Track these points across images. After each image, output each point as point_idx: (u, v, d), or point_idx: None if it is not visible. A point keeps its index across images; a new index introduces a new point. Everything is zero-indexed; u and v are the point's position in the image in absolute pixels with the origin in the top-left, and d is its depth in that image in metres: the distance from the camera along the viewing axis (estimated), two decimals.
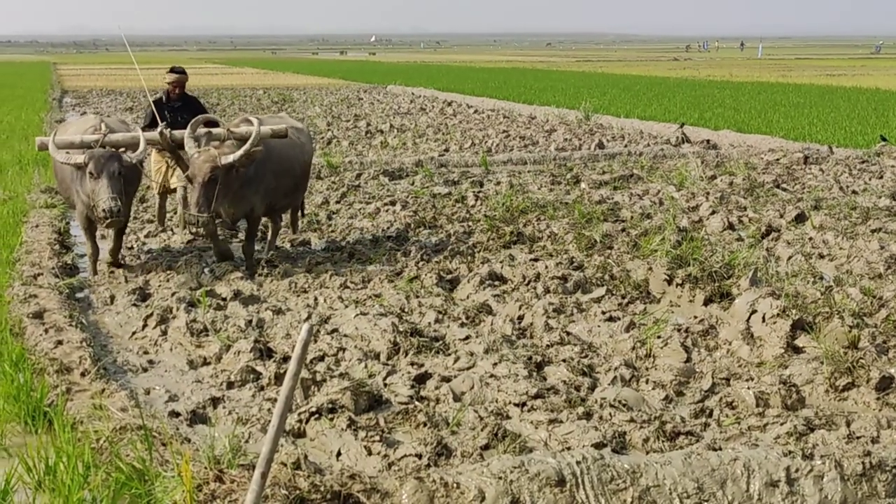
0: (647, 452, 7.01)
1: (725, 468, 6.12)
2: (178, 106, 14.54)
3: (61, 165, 12.19)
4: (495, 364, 8.71)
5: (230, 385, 8.58)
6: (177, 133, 12.61)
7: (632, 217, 15.37)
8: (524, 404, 7.88)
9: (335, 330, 9.89)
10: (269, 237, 14.08)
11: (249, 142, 11.93)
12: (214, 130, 12.49)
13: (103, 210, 11.31)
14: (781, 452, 6.30)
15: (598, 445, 6.88)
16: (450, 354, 9.14)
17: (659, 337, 9.49)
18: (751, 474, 6.10)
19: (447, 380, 8.46)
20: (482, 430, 7.29)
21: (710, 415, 7.89)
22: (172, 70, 14.79)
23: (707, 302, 10.81)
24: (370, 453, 7.01)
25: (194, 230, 11.93)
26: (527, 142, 27.05)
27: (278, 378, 8.45)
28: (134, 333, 10.14)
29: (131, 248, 14.10)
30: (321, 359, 9.02)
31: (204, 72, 78.67)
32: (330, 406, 7.70)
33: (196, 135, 12.31)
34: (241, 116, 13.27)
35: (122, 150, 12.06)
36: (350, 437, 7.24)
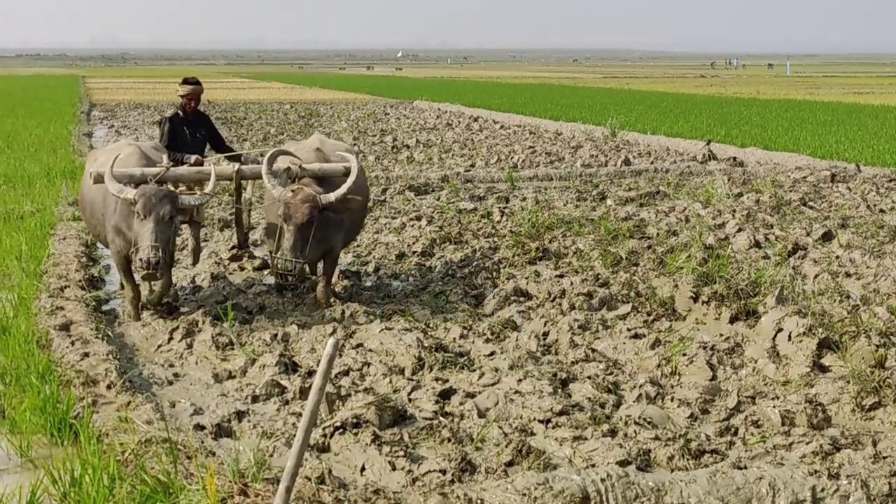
0: (672, 470, 6.98)
1: (751, 487, 6.09)
2: (193, 121, 13.38)
3: (90, 196, 11.37)
4: (520, 380, 8.71)
5: (255, 399, 8.59)
6: (247, 168, 11.76)
7: (658, 234, 15.33)
8: (549, 421, 7.87)
9: (360, 345, 9.90)
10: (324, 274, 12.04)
11: (351, 179, 11.10)
12: (290, 166, 11.43)
13: (140, 259, 10.14)
14: (807, 472, 6.28)
15: (623, 463, 6.86)
16: (474, 370, 9.13)
17: (684, 354, 9.47)
18: (776, 493, 6.07)
19: (472, 395, 8.45)
20: (506, 446, 7.28)
21: (736, 433, 7.86)
22: (186, 81, 13.47)
23: (733, 320, 10.77)
24: (394, 468, 7.01)
25: (290, 278, 10.92)
26: (553, 158, 27.03)
27: (303, 392, 8.47)
28: (160, 346, 10.17)
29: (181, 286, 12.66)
30: (346, 373, 9.03)
31: (231, 86, 79.08)
32: (354, 421, 7.70)
33: (275, 170, 11.30)
34: (281, 149, 12.15)
35: (180, 187, 11.36)
36: (374, 451, 7.24)
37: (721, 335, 10.28)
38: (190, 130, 13.18)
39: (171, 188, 11.07)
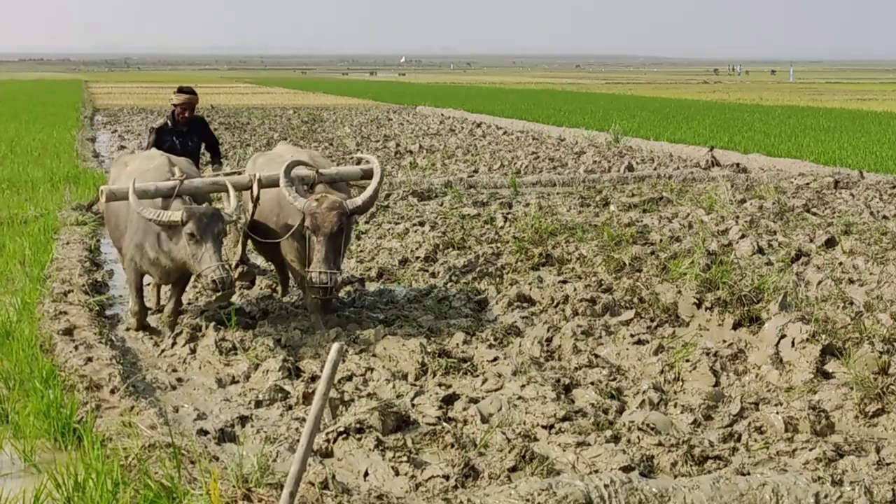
0: (676, 476, 6.98)
1: (754, 493, 6.10)
2: (185, 131, 13.14)
3: (114, 207, 10.78)
4: (523, 386, 8.71)
5: (258, 404, 8.60)
6: (265, 178, 11.00)
7: (661, 240, 15.33)
8: (552, 427, 7.87)
9: (363, 350, 9.92)
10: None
11: (377, 180, 10.78)
12: (303, 173, 10.92)
13: (213, 281, 9.57)
14: (811, 478, 6.28)
15: (626, 469, 6.86)
16: (478, 376, 9.15)
17: (687, 360, 9.47)
18: (779, 500, 6.08)
19: (475, 401, 8.45)
20: (510, 451, 7.28)
21: (739, 439, 7.86)
22: (181, 90, 13.22)
23: (736, 326, 10.76)
24: (397, 474, 7.01)
25: (325, 294, 10.46)
26: (556, 163, 27.05)
27: (306, 397, 8.48)
28: (163, 351, 10.19)
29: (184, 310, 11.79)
30: (349, 378, 9.03)
31: (234, 91, 79.17)
32: (358, 426, 7.71)
33: (292, 179, 10.71)
34: (282, 147, 12.25)
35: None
36: (378, 457, 7.25)
37: (724, 341, 10.28)
38: (180, 140, 12.95)
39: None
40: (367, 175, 11.19)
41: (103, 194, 10.31)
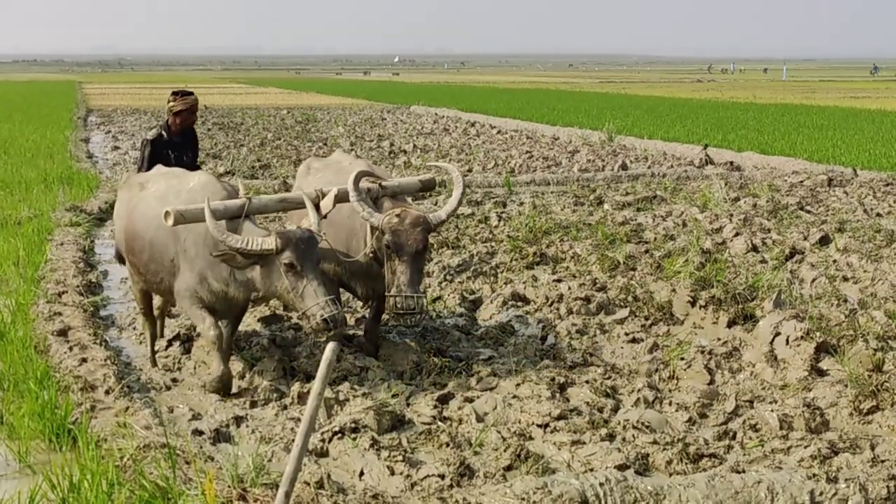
0: (671, 474, 7.00)
1: (749, 491, 6.10)
2: (180, 143, 11.85)
3: (150, 235, 9.23)
4: (518, 385, 8.73)
5: (253, 404, 8.61)
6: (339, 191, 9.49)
7: (655, 238, 15.34)
8: (547, 425, 7.88)
9: (358, 349, 9.90)
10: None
11: (459, 193, 9.72)
12: (368, 186, 9.57)
13: (324, 321, 8.23)
14: (805, 475, 6.28)
15: (622, 467, 6.87)
16: (473, 375, 9.14)
17: (682, 359, 9.48)
18: (774, 497, 6.08)
19: (470, 400, 8.46)
20: (505, 450, 7.28)
21: (734, 437, 7.87)
22: (182, 94, 11.92)
23: (731, 324, 10.77)
24: (393, 473, 7.01)
25: (408, 321, 9.39)
26: (550, 163, 27.06)
27: (301, 397, 8.48)
28: (157, 351, 10.17)
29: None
30: (344, 378, 9.02)
31: (228, 91, 79.09)
32: (353, 426, 7.71)
33: (363, 192, 9.39)
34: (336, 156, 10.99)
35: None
36: (373, 456, 7.24)
37: (719, 339, 10.29)
38: (175, 153, 11.69)
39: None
40: (427, 186, 10.44)
41: (171, 216, 8.55)
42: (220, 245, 8.45)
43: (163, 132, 11.74)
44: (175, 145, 11.74)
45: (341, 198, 9.31)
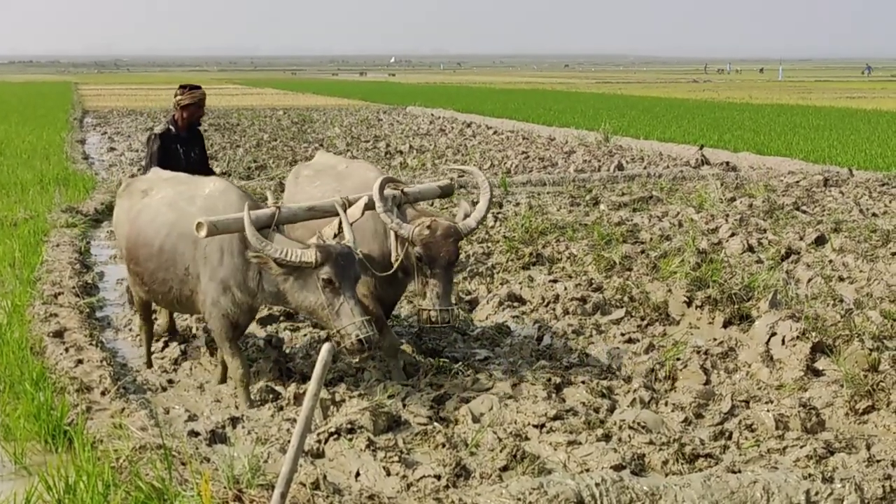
0: (667, 475, 7.00)
1: (745, 491, 6.10)
2: (188, 139, 11.52)
3: (162, 243, 8.79)
4: (514, 385, 8.74)
5: (249, 405, 8.59)
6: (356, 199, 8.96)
7: (651, 239, 15.34)
8: (543, 426, 7.88)
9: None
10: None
11: (488, 198, 9.49)
12: (393, 193, 9.11)
13: (360, 342, 7.82)
14: (801, 475, 6.29)
15: (617, 467, 6.88)
16: (469, 375, 9.14)
17: (678, 359, 9.49)
18: (770, 497, 6.09)
19: (466, 401, 8.46)
20: (501, 451, 7.28)
21: (730, 437, 7.87)
22: (190, 88, 11.57)
23: (726, 324, 10.78)
24: (389, 474, 7.01)
25: (442, 329, 9.21)
26: (546, 163, 27.06)
27: (297, 398, 8.47)
28: (153, 353, 10.16)
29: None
30: (340, 379, 9.03)
31: (224, 92, 79.00)
32: (349, 426, 7.70)
33: (388, 203, 8.91)
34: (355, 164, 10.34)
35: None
36: (369, 457, 7.24)
37: (715, 339, 10.29)
38: (184, 149, 11.38)
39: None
40: (446, 192, 10.13)
41: (204, 227, 8.03)
42: (248, 254, 8.22)
43: (171, 127, 11.40)
44: (183, 140, 11.43)
45: (370, 206, 8.84)
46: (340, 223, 8.61)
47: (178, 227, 8.65)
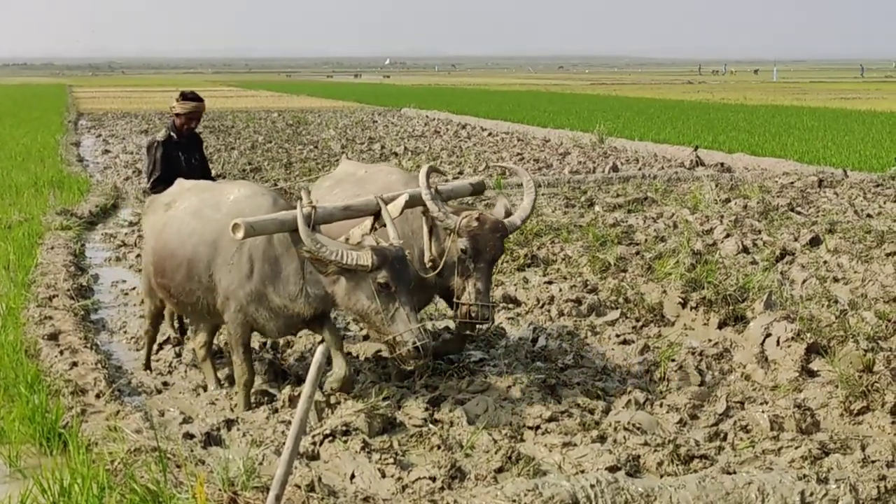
0: (662, 476, 7.00)
1: (740, 492, 6.10)
2: (187, 145, 11.25)
3: (182, 250, 8.65)
4: (509, 387, 8.74)
5: (247, 408, 8.58)
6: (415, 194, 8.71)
7: (646, 240, 15.35)
8: (538, 427, 7.89)
9: (349, 353, 9.89)
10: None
11: (533, 197, 9.28)
12: (418, 191, 8.78)
13: (416, 349, 7.74)
14: (796, 476, 6.29)
15: (613, 469, 6.87)
16: (464, 377, 9.14)
17: (673, 360, 9.50)
18: (765, 498, 6.08)
19: (461, 402, 8.46)
20: (496, 452, 7.29)
21: (725, 438, 7.87)
22: (186, 97, 11.17)
23: (721, 325, 10.78)
24: (384, 476, 7.01)
25: (480, 328, 9.01)
26: (541, 164, 27.08)
27: (292, 400, 8.46)
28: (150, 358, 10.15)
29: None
30: None
31: (219, 94, 78.96)
32: (344, 428, 7.71)
33: (433, 191, 8.77)
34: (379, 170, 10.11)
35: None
36: (364, 459, 7.25)
37: (710, 340, 10.31)
38: (185, 156, 11.12)
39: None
40: (477, 190, 10.01)
41: (241, 228, 7.79)
42: (283, 257, 8.15)
43: (172, 133, 11.09)
44: (184, 147, 11.16)
45: (410, 203, 8.62)
46: (373, 223, 8.44)
47: (202, 235, 8.51)
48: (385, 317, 7.77)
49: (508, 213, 9.04)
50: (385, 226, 8.42)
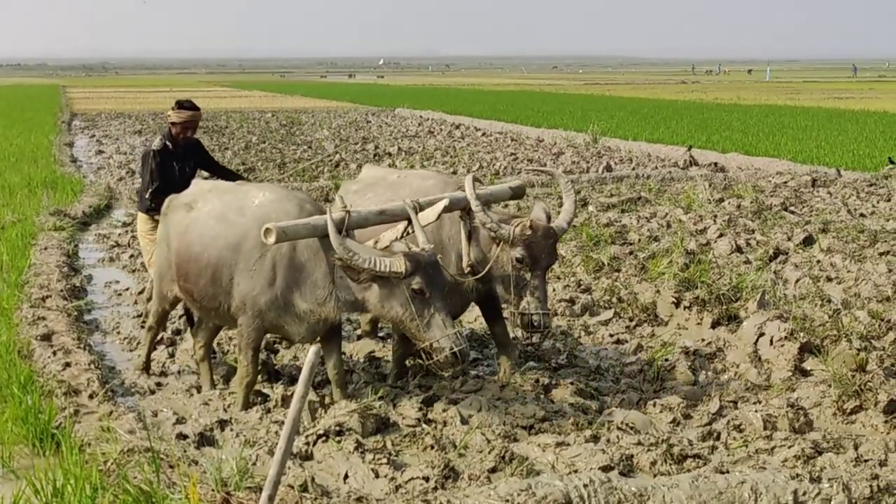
0: (655, 475, 7.00)
1: (733, 491, 6.11)
2: (182, 154, 10.88)
3: (205, 255, 8.47)
4: (503, 387, 8.72)
5: (244, 409, 8.57)
6: (456, 199, 8.56)
7: (639, 240, 15.35)
8: (532, 427, 7.90)
9: (343, 352, 9.87)
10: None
11: (573, 200, 9.23)
12: (458, 195, 8.65)
13: (454, 356, 7.57)
14: (789, 475, 6.29)
15: (606, 468, 6.88)
16: (457, 377, 9.13)
17: (666, 360, 9.50)
18: (758, 497, 6.09)
19: (455, 402, 8.45)
20: (489, 452, 7.29)
21: (718, 438, 7.88)
22: (182, 106, 10.81)
23: (715, 325, 10.80)
24: (377, 476, 7.01)
25: (538, 336, 9.00)
26: (535, 164, 27.06)
27: (285, 400, 8.46)
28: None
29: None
30: (329, 381, 9.01)
31: (213, 94, 78.93)
32: (337, 428, 7.70)
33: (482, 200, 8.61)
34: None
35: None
36: (357, 459, 7.24)
37: (703, 340, 10.32)
38: (179, 165, 10.79)
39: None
40: (517, 194, 9.86)
41: (272, 233, 7.62)
42: (310, 262, 8.04)
43: (167, 143, 10.76)
44: (178, 157, 10.79)
45: (448, 209, 8.42)
46: (406, 227, 8.23)
47: (226, 239, 8.34)
48: (420, 323, 7.63)
49: (549, 217, 8.89)
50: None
